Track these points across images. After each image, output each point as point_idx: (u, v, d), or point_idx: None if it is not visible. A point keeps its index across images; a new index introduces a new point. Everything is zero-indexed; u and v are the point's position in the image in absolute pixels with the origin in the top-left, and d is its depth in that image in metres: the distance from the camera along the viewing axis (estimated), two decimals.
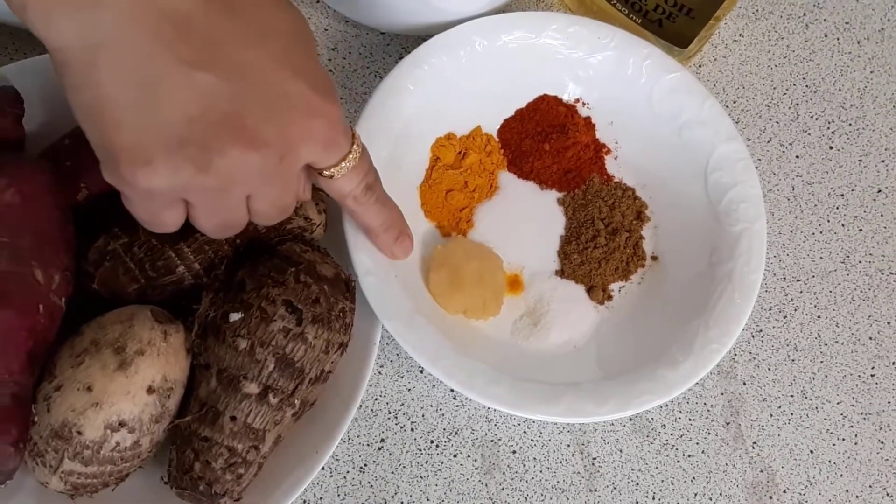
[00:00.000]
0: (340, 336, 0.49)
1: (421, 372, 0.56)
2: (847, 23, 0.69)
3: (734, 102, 0.66)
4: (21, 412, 0.44)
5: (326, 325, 0.48)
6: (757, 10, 0.68)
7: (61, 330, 0.47)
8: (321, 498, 0.53)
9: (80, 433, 0.44)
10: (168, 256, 0.48)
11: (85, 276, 0.49)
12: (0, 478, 0.44)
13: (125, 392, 0.45)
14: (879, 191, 0.65)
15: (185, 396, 0.48)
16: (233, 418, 0.46)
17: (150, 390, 0.45)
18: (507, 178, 0.61)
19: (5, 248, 0.45)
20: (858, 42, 0.69)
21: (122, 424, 0.45)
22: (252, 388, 0.46)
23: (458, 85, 0.59)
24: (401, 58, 0.63)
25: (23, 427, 0.44)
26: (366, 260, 0.52)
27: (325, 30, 0.64)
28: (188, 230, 0.48)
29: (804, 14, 0.69)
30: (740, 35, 0.68)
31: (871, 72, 0.68)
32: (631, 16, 0.62)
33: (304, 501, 0.52)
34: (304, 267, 0.48)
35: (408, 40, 0.64)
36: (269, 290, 0.47)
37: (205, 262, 0.49)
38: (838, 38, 0.69)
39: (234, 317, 0.47)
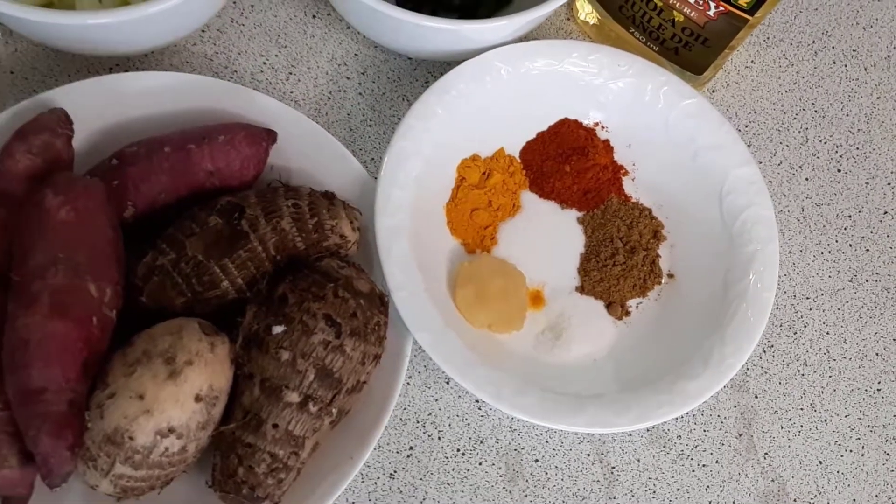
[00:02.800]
0: (375, 348, 0.52)
1: (447, 383, 0.59)
2: (854, 50, 0.72)
3: (746, 126, 0.68)
4: (77, 418, 0.47)
5: (363, 338, 0.50)
6: (768, 38, 0.71)
7: (111, 341, 0.50)
8: (353, 502, 0.55)
9: (131, 439, 0.47)
10: (213, 272, 0.51)
11: (133, 290, 0.51)
12: (57, 481, 0.46)
13: (175, 400, 0.47)
14: (886, 212, 0.67)
15: (228, 405, 0.50)
16: (275, 426, 0.49)
17: (198, 398, 0.48)
18: (528, 198, 0.63)
19: (62, 263, 0.48)
20: (865, 69, 0.72)
21: (171, 431, 0.47)
22: (293, 397, 0.49)
23: (483, 109, 0.62)
24: (427, 83, 0.66)
25: (78, 432, 0.47)
26: (398, 275, 0.54)
27: (356, 55, 0.66)
28: (232, 245, 0.51)
29: (813, 42, 0.72)
30: (752, 62, 0.71)
31: (878, 98, 0.71)
32: (648, 44, 0.65)
33: None
34: (342, 282, 0.51)
35: (433, 65, 0.67)
36: (310, 305, 0.49)
37: (247, 277, 0.52)
38: (846, 66, 0.72)
39: (277, 329, 0.49)
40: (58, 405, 0.46)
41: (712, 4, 0.58)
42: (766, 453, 0.60)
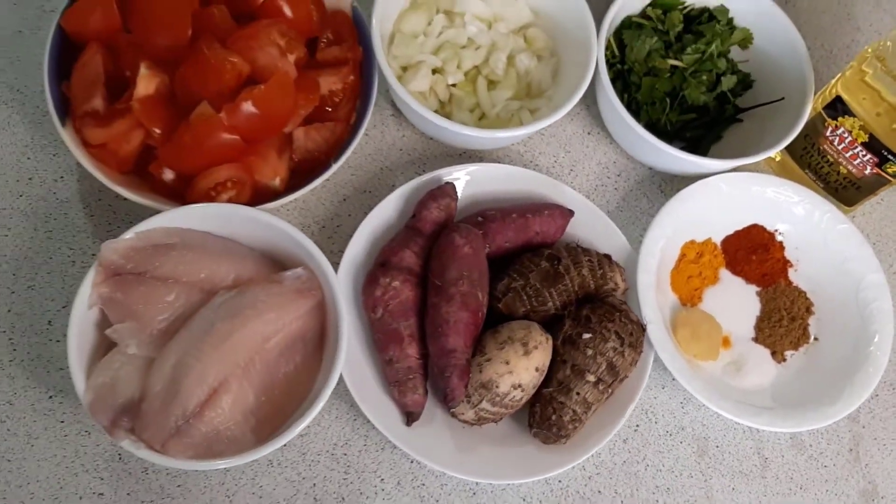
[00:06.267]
0: (637, 356, 0.83)
1: (663, 388, 0.90)
2: None
3: (874, 245, 0.99)
4: (468, 371, 0.79)
5: (634, 349, 0.82)
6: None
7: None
8: (599, 454, 0.87)
9: (497, 387, 0.78)
10: (544, 296, 0.83)
11: (493, 300, 0.84)
12: (455, 404, 0.78)
13: (525, 368, 0.79)
14: None
15: (545, 378, 0.82)
16: (578, 393, 0.80)
17: (537, 369, 0.79)
18: (725, 274, 0.95)
19: (465, 278, 0.80)
20: None
21: (519, 386, 0.79)
22: (591, 378, 0.80)
23: (703, 211, 0.93)
24: (660, 187, 0.98)
25: (467, 379, 0.79)
26: (650, 313, 0.86)
27: (614, 162, 0.99)
28: (555, 280, 0.83)
29: None
30: (881, 200, 1.01)
31: None
32: (816, 181, 0.96)
33: (593, 454, 0.85)
34: (623, 312, 0.82)
35: (665, 176, 0.99)
36: (607, 324, 0.81)
37: (561, 302, 0.84)
38: None
39: (586, 336, 0.81)
40: (461, 360, 0.78)
41: (868, 167, 0.89)
42: (866, 464, 0.90)
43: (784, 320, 0.92)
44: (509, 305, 0.84)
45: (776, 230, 0.95)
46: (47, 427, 0.79)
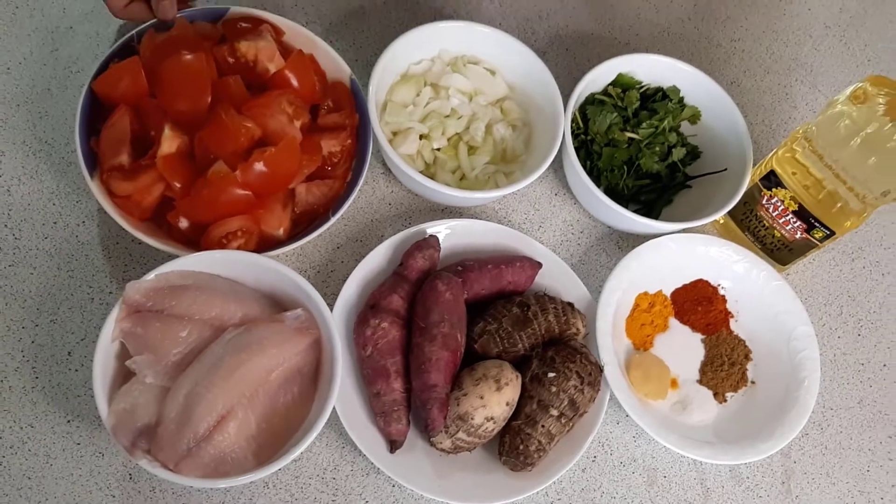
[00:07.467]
0: (595, 393, 0.94)
1: (617, 423, 1.01)
2: (877, 262, 1.16)
3: (805, 300, 1.11)
4: (447, 404, 0.89)
5: (592, 387, 0.93)
6: (823, 249, 1.15)
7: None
8: (561, 481, 0.97)
9: (472, 419, 0.89)
10: (515, 338, 0.94)
11: (469, 340, 0.94)
12: (433, 434, 0.88)
13: (497, 402, 0.89)
14: (885, 365, 1.10)
15: (515, 411, 0.92)
16: (543, 426, 0.91)
17: (507, 404, 0.90)
18: (674, 322, 1.06)
19: (446, 321, 0.91)
20: (883, 274, 1.15)
21: (492, 418, 0.89)
22: (554, 412, 0.91)
23: (654, 267, 1.05)
24: (618, 244, 1.10)
25: (446, 412, 0.89)
26: (606, 356, 0.97)
27: (577, 221, 1.11)
28: (525, 325, 0.94)
29: (852, 252, 1.16)
30: (812, 261, 1.14)
31: (889, 294, 1.14)
32: (755, 243, 1.09)
33: (555, 480, 0.95)
34: (584, 354, 0.94)
35: (623, 234, 1.11)
36: (569, 364, 0.92)
37: (530, 344, 0.95)
38: (871, 270, 1.15)
39: (551, 375, 0.92)
40: (441, 394, 0.89)
41: (799, 233, 1.02)
42: (797, 496, 1.01)
43: (725, 365, 1.03)
44: (484, 346, 0.94)
45: (719, 285, 1.08)
46: (65, 448, 0.87)
